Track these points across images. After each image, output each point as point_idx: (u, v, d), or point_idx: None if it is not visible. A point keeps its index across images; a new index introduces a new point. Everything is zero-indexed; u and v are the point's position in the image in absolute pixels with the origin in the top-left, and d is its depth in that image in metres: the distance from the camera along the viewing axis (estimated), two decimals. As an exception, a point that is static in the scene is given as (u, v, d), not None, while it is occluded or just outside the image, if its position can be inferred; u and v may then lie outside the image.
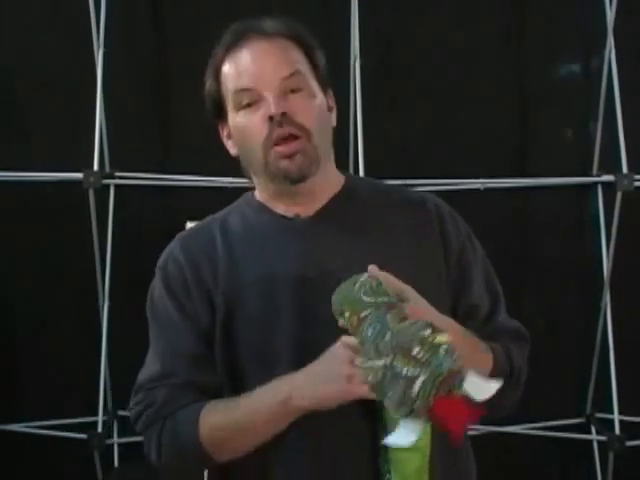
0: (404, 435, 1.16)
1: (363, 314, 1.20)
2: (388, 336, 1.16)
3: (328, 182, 1.47)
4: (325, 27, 1.44)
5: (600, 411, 3.08)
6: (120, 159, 2.98)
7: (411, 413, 1.14)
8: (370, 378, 1.17)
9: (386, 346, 1.16)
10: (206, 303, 1.41)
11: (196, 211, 1.71)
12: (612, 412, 2.96)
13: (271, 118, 1.37)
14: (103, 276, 2.95)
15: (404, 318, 1.18)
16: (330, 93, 1.49)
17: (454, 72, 3.01)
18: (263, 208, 1.47)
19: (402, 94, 3.06)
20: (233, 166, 1.48)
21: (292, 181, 1.40)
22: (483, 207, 2.91)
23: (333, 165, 1.50)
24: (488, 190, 2.97)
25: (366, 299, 1.20)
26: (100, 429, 2.89)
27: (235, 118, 1.43)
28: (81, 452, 2.90)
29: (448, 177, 2.92)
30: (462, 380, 1.15)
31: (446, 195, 1.57)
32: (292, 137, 1.38)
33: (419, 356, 1.13)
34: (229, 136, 1.47)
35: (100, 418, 2.90)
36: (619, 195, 2.90)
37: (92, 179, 2.82)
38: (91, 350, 2.91)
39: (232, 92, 1.42)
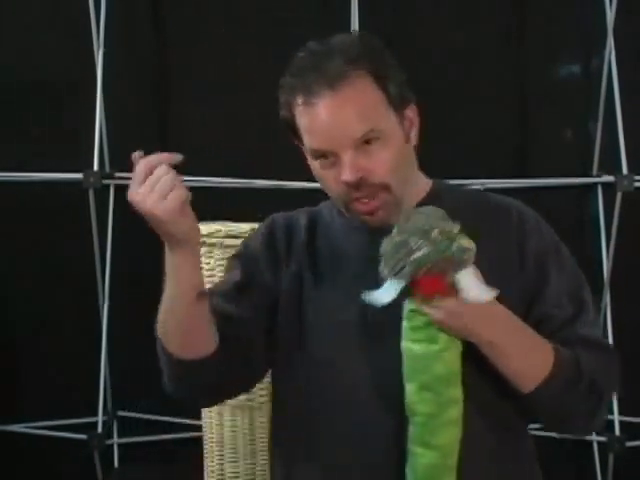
0: (382, 294, 1.24)
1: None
2: (419, 222, 1.24)
3: (412, 192, 1.49)
4: (325, 27, 1.43)
5: (600, 412, 3.07)
6: (120, 159, 2.98)
7: (397, 274, 1.22)
8: (382, 248, 1.25)
9: (411, 227, 1.24)
10: (271, 273, 1.48)
11: (195, 211, 1.70)
12: (612, 413, 2.96)
13: (347, 182, 1.38)
14: (103, 276, 2.95)
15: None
16: (411, 107, 1.49)
17: (454, 72, 3.00)
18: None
19: (402, 94, 3.06)
20: (232, 166, 1.48)
21: (373, 228, 1.43)
22: (483, 207, 2.90)
23: (417, 173, 1.55)
24: (488, 190, 2.96)
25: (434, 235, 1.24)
26: (100, 429, 2.89)
27: (311, 160, 1.43)
28: (81, 452, 2.90)
29: (448, 177, 2.90)
30: (460, 269, 1.22)
31: (446, 195, 1.57)
32: (371, 196, 1.40)
33: (433, 237, 1.22)
34: (306, 157, 1.47)
35: (100, 418, 2.89)
36: (619, 196, 2.90)
37: (92, 179, 2.83)
38: (91, 350, 2.91)
39: (306, 144, 1.42)
